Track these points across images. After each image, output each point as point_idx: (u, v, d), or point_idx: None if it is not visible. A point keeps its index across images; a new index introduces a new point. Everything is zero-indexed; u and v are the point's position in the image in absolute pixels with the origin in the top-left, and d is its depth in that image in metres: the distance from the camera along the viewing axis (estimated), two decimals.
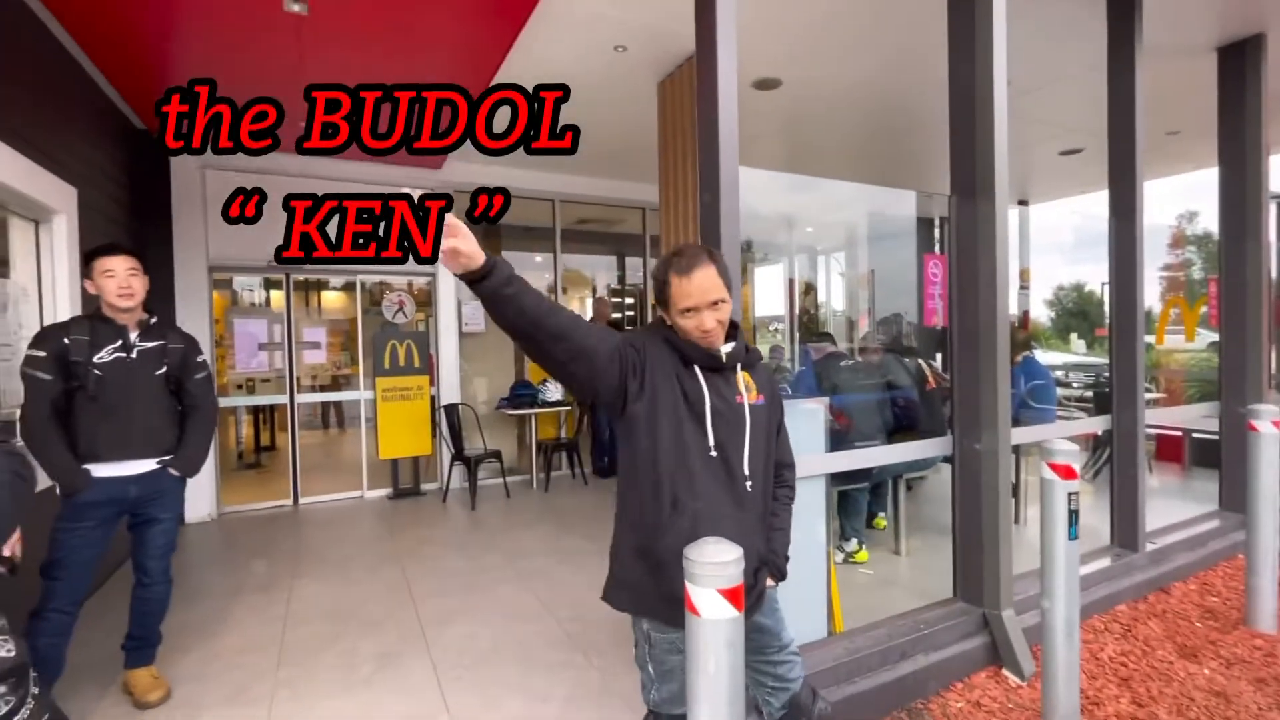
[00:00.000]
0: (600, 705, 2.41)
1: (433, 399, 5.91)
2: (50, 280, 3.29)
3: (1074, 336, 7.77)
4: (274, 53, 3.58)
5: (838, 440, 3.08)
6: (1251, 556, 2.88)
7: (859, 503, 3.79)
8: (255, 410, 7.05)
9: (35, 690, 1.84)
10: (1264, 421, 2.84)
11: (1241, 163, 3.90)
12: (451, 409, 5.73)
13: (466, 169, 5.99)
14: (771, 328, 8.01)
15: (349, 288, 6.13)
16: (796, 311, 8.74)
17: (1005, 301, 2.57)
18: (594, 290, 8.01)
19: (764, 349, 8.51)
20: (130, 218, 4.45)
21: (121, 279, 2.31)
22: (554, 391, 6.07)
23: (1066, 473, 1.97)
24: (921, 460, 3.31)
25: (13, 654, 1.74)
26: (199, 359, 2.57)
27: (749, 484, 1.43)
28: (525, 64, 3.79)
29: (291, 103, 4.16)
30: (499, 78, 3.93)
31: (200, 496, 4.95)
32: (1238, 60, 3.90)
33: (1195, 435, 5.68)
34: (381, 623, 3.14)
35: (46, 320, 3.20)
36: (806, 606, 2.37)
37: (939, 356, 3.58)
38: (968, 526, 2.67)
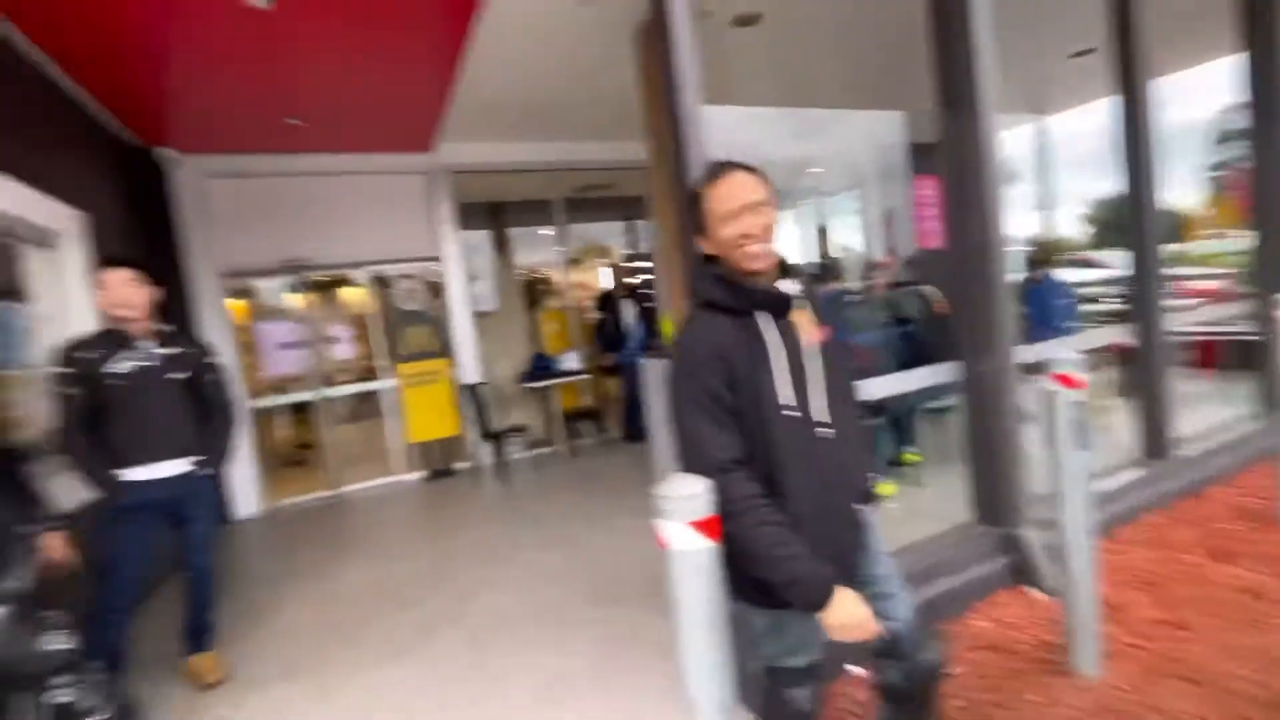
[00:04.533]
0: (630, 652, 2.50)
1: (454, 380, 6.03)
2: (66, 301, 3.43)
3: (1112, 251, 7.45)
4: (248, 51, 3.58)
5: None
6: None
7: (877, 438, 3.77)
8: (293, 409, 7.29)
9: (105, 677, 2.00)
10: None
11: (1270, 45, 3.62)
12: (473, 388, 5.84)
13: (457, 150, 5.96)
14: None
15: (361, 282, 6.22)
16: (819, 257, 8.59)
17: (1000, 218, 2.48)
18: (610, 258, 7.99)
19: None
20: (134, 232, 4.56)
21: (114, 292, 2.40)
22: (570, 361, 6.13)
23: (1069, 382, 1.92)
24: (937, 391, 3.25)
25: (71, 648, 1.89)
26: (210, 361, 2.67)
27: (830, 431, 1.28)
28: (498, 26, 3.73)
29: (275, 99, 4.21)
30: (468, 43, 3.86)
31: (246, 494, 5.20)
32: None
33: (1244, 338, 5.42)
34: (422, 598, 3.28)
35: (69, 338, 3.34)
36: None
37: None
38: (981, 449, 2.64)
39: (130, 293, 2.42)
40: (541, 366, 6.18)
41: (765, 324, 1.25)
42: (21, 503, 2.00)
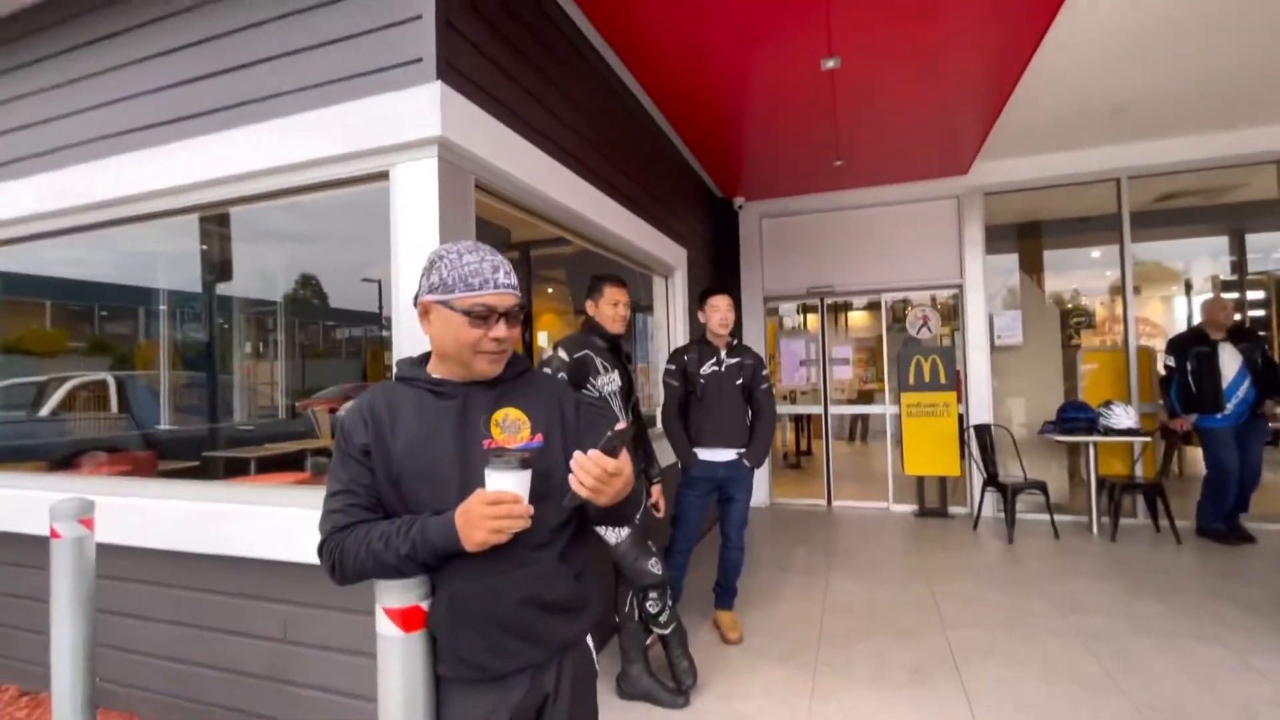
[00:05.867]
0: None
1: (960, 417, 5.59)
2: (671, 315, 4.66)
3: None
4: (812, 106, 4.11)
5: None
6: None
7: None
8: (796, 418, 8.14)
9: (670, 602, 2.62)
10: None
11: None
12: (982, 429, 5.28)
13: (992, 169, 5.50)
14: None
15: (873, 307, 6.44)
16: None
17: None
18: (1187, 286, 6.03)
19: None
20: (713, 264, 5.86)
21: (724, 313, 3.10)
22: (1123, 416, 4.86)
23: None
24: None
25: (661, 572, 2.53)
26: (764, 373, 3.19)
27: None
28: (1091, 12, 3.25)
29: (826, 145, 4.72)
30: (1046, 40, 3.45)
31: (759, 486, 6.05)
32: None
33: None
34: (911, 635, 3.16)
35: (671, 344, 4.53)
36: None
37: None
38: None
39: (730, 314, 3.12)
40: (1075, 417, 5.09)
41: None
42: (645, 456, 2.81)
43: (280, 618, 2.27)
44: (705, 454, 3.09)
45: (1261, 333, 4.88)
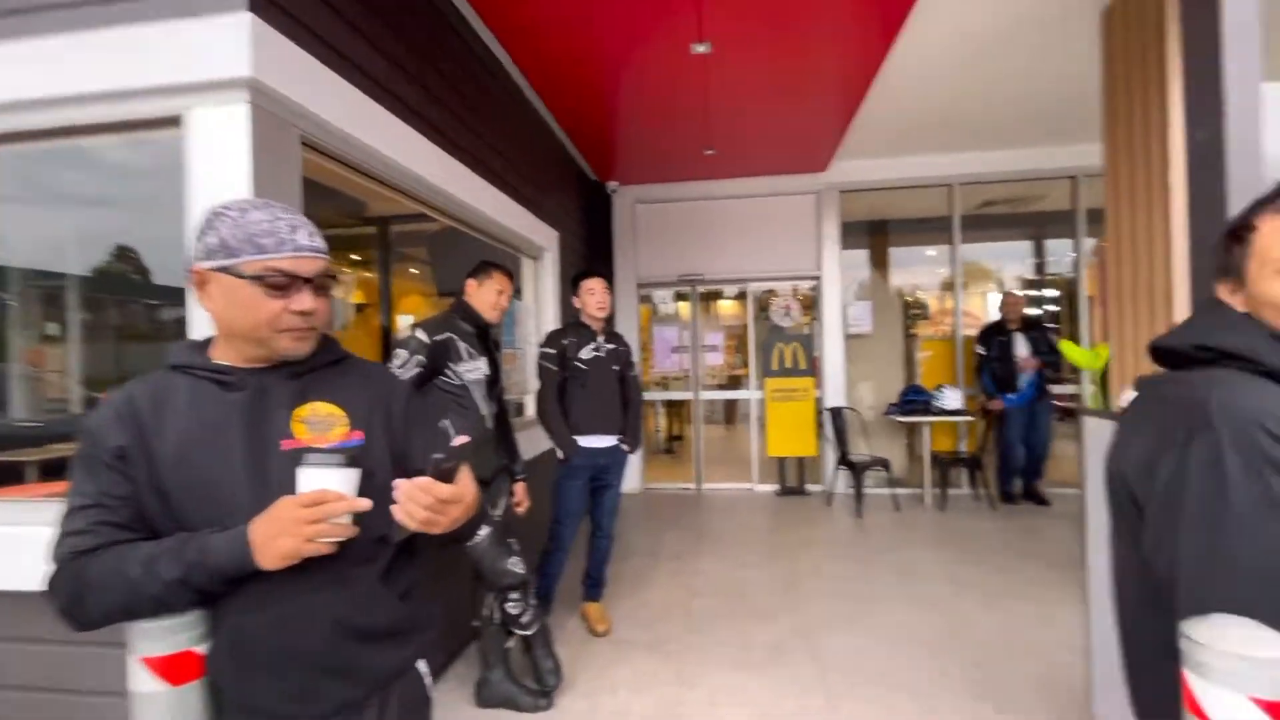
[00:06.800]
0: None
1: (817, 401, 5.94)
2: (541, 300, 4.48)
3: None
4: (684, 91, 4.10)
5: None
6: None
7: None
8: (668, 404, 8.27)
9: (533, 602, 2.49)
10: None
11: None
12: (836, 412, 5.65)
13: (852, 167, 5.86)
14: None
15: (741, 296, 6.66)
16: None
17: None
18: (1000, 284, 6.85)
19: None
20: (586, 248, 5.74)
21: (600, 296, 2.99)
22: (951, 399, 5.41)
23: None
24: None
25: (523, 571, 2.38)
26: (632, 359, 3.14)
27: None
28: (929, 31, 3.49)
29: (698, 133, 4.69)
30: (892, 53, 3.67)
31: (631, 472, 6.05)
32: None
33: None
34: (772, 613, 3.27)
35: (540, 329, 4.35)
36: None
37: None
38: None
39: (606, 297, 3.01)
40: (914, 400, 5.61)
41: None
42: (508, 451, 2.64)
43: (47, 661, 1.84)
44: (586, 441, 2.98)
45: (1051, 325, 5.61)
